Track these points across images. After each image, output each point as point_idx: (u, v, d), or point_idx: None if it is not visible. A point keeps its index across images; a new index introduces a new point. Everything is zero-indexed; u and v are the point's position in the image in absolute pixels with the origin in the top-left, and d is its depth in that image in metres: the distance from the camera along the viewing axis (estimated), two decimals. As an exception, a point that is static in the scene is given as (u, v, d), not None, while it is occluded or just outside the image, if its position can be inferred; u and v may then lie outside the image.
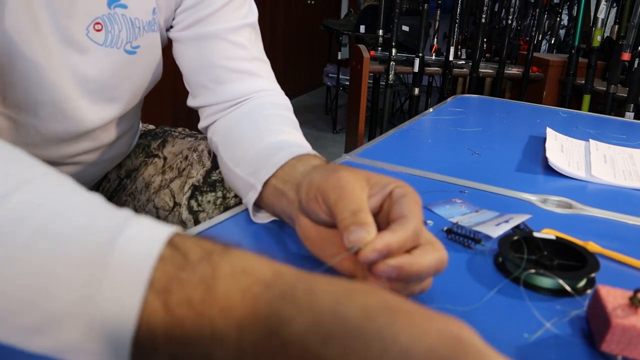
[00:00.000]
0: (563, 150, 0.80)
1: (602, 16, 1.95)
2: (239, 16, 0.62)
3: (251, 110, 0.59)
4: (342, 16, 4.22)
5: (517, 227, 0.52)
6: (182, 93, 0.66)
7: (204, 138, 0.74)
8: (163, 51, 0.64)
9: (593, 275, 0.42)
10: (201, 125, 0.64)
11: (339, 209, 0.37)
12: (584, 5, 2.12)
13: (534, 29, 2.36)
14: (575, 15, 2.27)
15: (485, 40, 2.28)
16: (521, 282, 0.43)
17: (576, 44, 2.06)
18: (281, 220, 0.50)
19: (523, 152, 0.82)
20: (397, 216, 0.37)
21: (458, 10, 2.10)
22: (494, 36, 2.64)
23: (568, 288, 0.41)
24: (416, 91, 2.13)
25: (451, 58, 2.11)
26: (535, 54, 2.22)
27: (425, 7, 2.04)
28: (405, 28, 2.59)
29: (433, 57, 2.31)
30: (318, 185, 0.40)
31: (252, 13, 0.64)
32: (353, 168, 0.41)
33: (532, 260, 0.44)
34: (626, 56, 1.80)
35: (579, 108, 2.01)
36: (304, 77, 4.46)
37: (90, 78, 0.56)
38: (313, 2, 4.38)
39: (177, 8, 0.61)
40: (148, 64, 0.62)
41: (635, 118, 1.73)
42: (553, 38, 2.65)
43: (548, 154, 0.75)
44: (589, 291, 0.42)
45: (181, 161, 0.72)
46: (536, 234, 0.47)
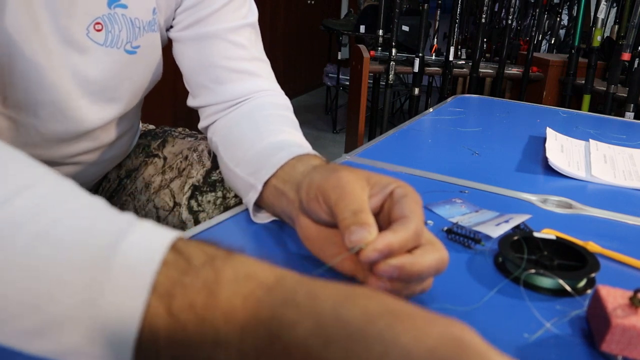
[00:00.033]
0: (563, 150, 0.80)
1: (602, 16, 1.95)
2: (239, 16, 0.62)
3: (251, 110, 0.59)
4: (342, 16, 4.22)
5: (517, 227, 0.52)
6: (182, 93, 0.66)
7: (204, 138, 0.74)
8: (163, 51, 0.64)
9: (593, 275, 0.42)
10: (201, 125, 0.64)
11: (340, 209, 0.37)
12: (584, 5, 2.12)
13: (534, 29, 2.36)
14: (575, 15, 2.27)
15: (485, 40, 2.28)
16: (521, 282, 0.43)
17: (576, 44, 2.06)
18: (281, 220, 0.50)
19: (523, 152, 0.82)
20: (398, 216, 0.37)
21: (458, 10, 2.10)
22: (494, 36, 2.64)
23: (568, 288, 0.41)
24: (416, 91, 2.13)
25: (451, 58, 2.11)
26: (535, 54, 2.22)
27: (425, 7, 2.04)
28: (405, 28, 2.59)
29: (433, 57, 2.31)
30: (318, 185, 0.40)
31: (252, 13, 0.65)
32: (353, 168, 0.41)
33: (532, 260, 0.44)
34: (626, 56, 1.81)
35: (579, 108, 2.01)
36: (304, 77, 4.46)
37: (90, 78, 0.56)
38: (313, 2, 4.38)
39: (177, 8, 0.61)
40: (148, 64, 0.62)
41: (635, 118, 1.73)
42: (553, 38, 2.65)
43: (548, 154, 0.75)
44: (589, 291, 0.42)
45: (181, 161, 0.72)
46: (536, 234, 0.47)
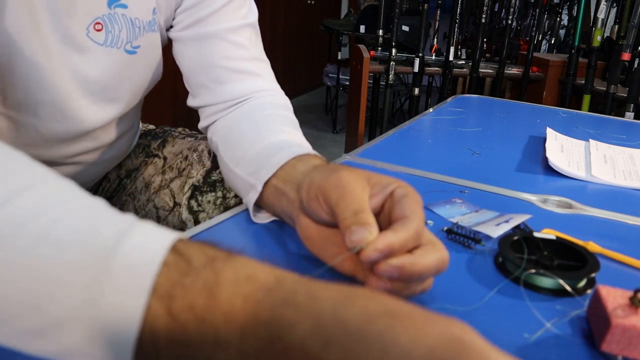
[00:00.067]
0: (563, 150, 0.80)
1: (602, 16, 1.95)
2: (239, 16, 0.62)
3: (251, 110, 0.59)
4: (342, 16, 4.22)
5: (517, 227, 0.52)
6: (182, 93, 0.66)
7: (204, 138, 0.74)
8: (163, 51, 0.64)
9: (593, 275, 0.42)
10: (201, 125, 0.64)
11: (341, 209, 0.37)
12: (584, 5, 2.12)
13: (534, 29, 2.36)
14: (575, 15, 2.27)
15: (485, 40, 2.28)
16: (521, 282, 0.43)
17: (576, 44, 2.06)
18: (281, 220, 0.50)
19: (523, 152, 0.82)
20: (399, 216, 0.37)
21: (458, 10, 2.10)
22: (494, 36, 2.64)
23: (568, 288, 0.41)
24: (416, 91, 2.13)
25: (451, 58, 2.11)
26: (535, 54, 2.22)
27: (425, 7, 2.04)
28: (405, 28, 2.59)
29: (433, 57, 2.31)
30: (319, 185, 0.40)
31: (252, 13, 0.65)
32: (354, 168, 0.41)
33: (532, 260, 0.44)
34: (626, 56, 1.81)
35: (579, 108, 2.01)
36: (304, 77, 4.46)
37: (90, 78, 0.56)
38: (313, 2, 4.38)
39: (177, 8, 0.61)
40: (148, 64, 0.62)
41: (635, 118, 1.74)
42: (553, 38, 2.65)
43: (548, 154, 0.75)
44: (589, 291, 0.42)
45: (181, 161, 0.72)
46: (536, 234, 0.47)
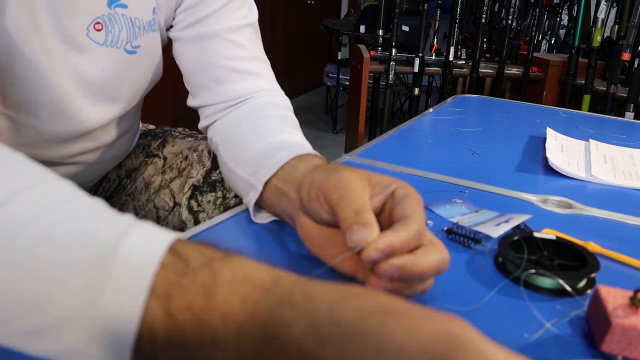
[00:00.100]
0: (563, 150, 0.80)
1: (602, 16, 1.95)
2: (239, 16, 0.62)
3: (251, 110, 0.59)
4: (342, 16, 4.22)
5: (517, 227, 0.52)
6: (182, 93, 0.66)
7: (204, 138, 0.74)
8: (163, 51, 0.64)
9: (593, 275, 0.42)
10: (201, 125, 0.64)
11: (342, 209, 0.37)
12: (584, 5, 2.12)
13: (534, 29, 2.36)
14: (575, 15, 2.27)
15: (485, 40, 2.28)
16: (521, 282, 0.43)
17: (576, 44, 2.06)
18: (281, 220, 0.50)
19: (523, 152, 0.82)
20: (400, 216, 0.37)
21: (458, 10, 2.10)
22: (494, 36, 2.64)
23: (568, 288, 0.41)
24: (416, 91, 2.13)
25: (451, 58, 2.11)
26: (535, 54, 2.22)
27: (425, 7, 2.04)
28: (405, 28, 2.59)
29: (433, 57, 2.31)
30: (319, 185, 0.40)
31: (252, 13, 0.65)
32: (354, 168, 0.41)
33: (532, 260, 0.44)
34: (626, 56, 1.81)
35: (579, 108, 2.01)
36: (304, 77, 4.46)
37: (90, 78, 0.56)
38: (313, 2, 4.38)
39: (178, 8, 0.61)
40: (148, 64, 0.62)
41: (635, 118, 1.74)
42: (553, 38, 2.65)
43: (548, 154, 0.75)
44: (589, 291, 0.42)
45: (181, 161, 0.72)
46: (536, 234, 0.47)
